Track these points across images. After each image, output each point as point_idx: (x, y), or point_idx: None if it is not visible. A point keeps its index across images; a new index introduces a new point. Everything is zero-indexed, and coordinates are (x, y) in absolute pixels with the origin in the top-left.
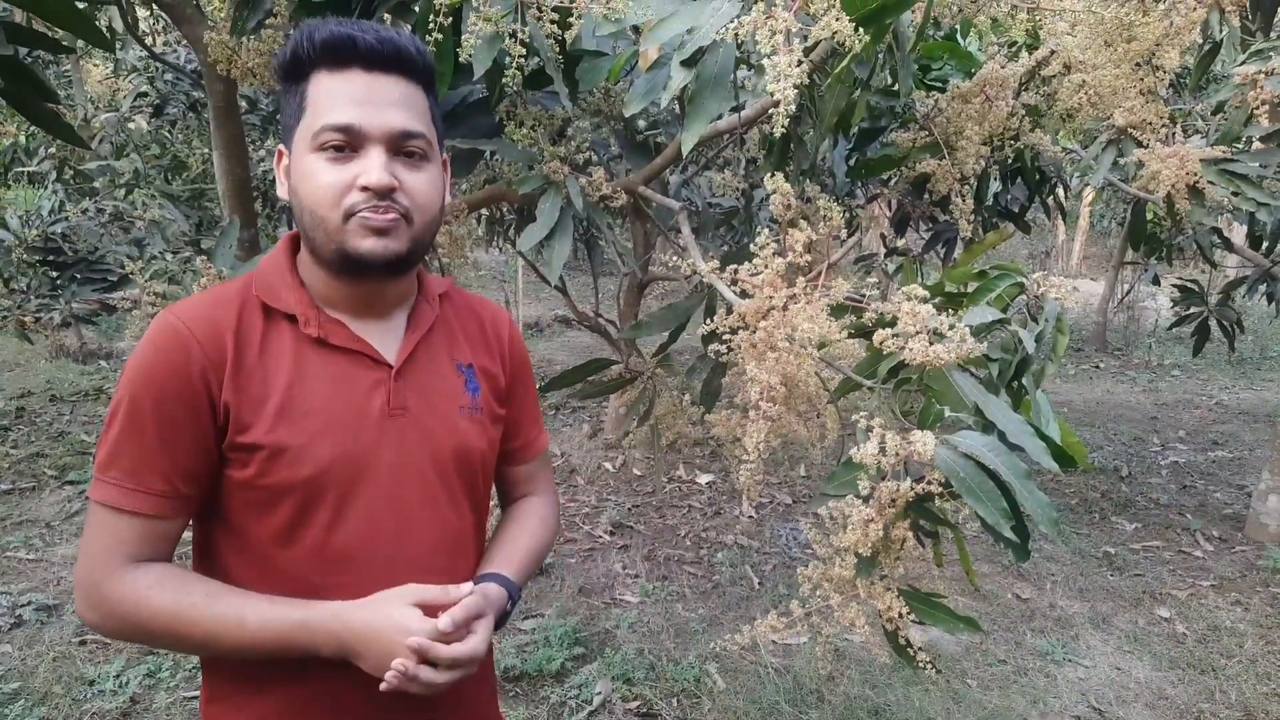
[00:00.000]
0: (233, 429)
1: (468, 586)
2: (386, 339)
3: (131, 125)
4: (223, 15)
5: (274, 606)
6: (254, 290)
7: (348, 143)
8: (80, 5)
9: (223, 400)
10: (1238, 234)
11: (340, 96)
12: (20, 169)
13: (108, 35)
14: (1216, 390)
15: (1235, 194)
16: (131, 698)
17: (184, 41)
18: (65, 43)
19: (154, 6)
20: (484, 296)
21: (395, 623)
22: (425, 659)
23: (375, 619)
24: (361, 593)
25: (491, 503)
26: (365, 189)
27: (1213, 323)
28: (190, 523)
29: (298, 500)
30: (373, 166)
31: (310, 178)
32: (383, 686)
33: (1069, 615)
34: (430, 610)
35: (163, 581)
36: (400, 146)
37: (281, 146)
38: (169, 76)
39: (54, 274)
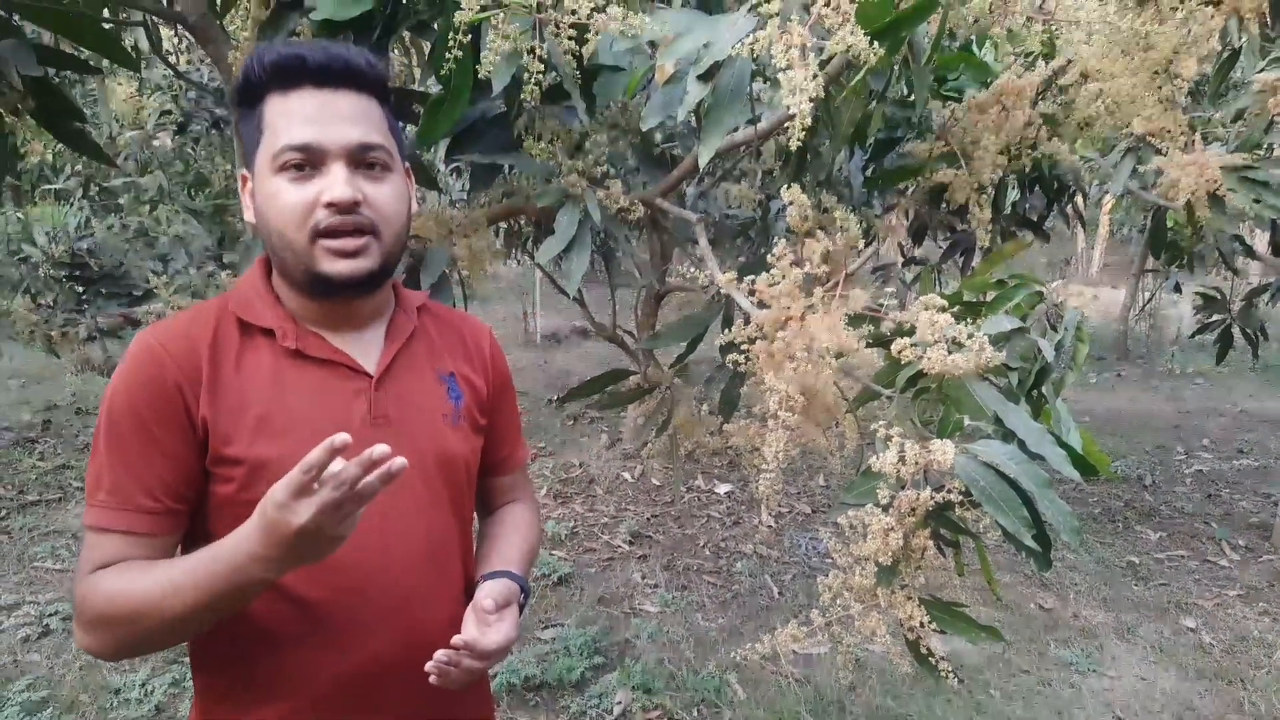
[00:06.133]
0: (215, 441)
1: (382, 447)
2: (365, 350)
3: (156, 142)
4: (246, 35)
5: (199, 552)
6: (230, 307)
7: (308, 160)
8: (106, 26)
9: (200, 415)
10: (1260, 241)
11: (295, 116)
12: (47, 186)
13: (133, 55)
14: (1241, 398)
15: (1256, 201)
16: (157, 706)
17: (207, 60)
18: (92, 63)
19: (178, 26)
20: (465, 312)
21: (270, 491)
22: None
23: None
24: (350, 601)
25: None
26: (330, 205)
27: (1236, 330)
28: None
29: None
30: (335, 181)
31: (274, 199)
32: (432, 679)
33: (1093, 625)
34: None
35: (120, 570)
36: (360, 159)
37: (244, 171)
38: (192, 94)
39: (80, 289)
